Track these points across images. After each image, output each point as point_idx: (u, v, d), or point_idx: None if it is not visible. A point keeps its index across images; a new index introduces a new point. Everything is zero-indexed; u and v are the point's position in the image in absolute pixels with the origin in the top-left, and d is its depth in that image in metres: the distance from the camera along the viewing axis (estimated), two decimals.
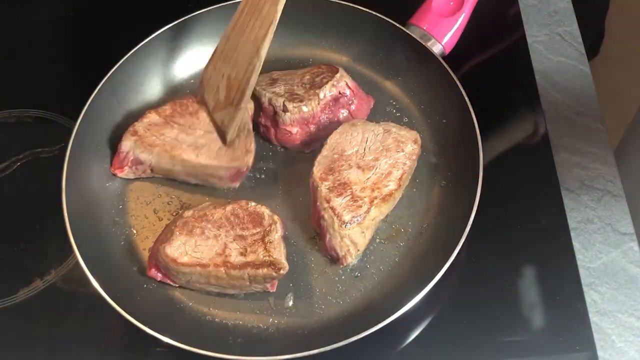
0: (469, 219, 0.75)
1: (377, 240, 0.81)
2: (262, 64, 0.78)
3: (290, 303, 0.78)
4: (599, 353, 0.76)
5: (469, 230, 0.75)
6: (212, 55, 0.85)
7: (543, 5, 1.04)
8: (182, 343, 0.70)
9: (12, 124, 0.95)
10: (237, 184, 0.84)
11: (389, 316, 0.71)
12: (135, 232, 0.83)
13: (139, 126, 0.84)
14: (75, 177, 0.81)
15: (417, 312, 0.76)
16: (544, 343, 0.77)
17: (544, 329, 0.78)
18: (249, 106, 0.84)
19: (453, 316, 0.79)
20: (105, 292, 0.73)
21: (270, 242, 0.75)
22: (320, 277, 0.79)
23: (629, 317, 0.78)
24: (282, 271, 0.73)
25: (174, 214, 0.84)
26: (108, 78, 0.87)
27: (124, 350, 0.78)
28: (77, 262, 0.74)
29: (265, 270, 0.73)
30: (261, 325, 0.77)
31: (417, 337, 0.78)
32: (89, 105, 0.85)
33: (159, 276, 0.78)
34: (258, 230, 0.76)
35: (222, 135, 0.84)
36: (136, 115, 0.87)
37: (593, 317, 0.78)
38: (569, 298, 0.79)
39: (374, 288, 0.79)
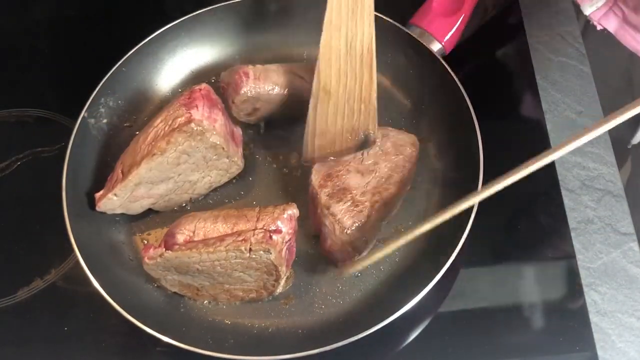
0: (469, 219, 0.75)
1: (378, 241, 0.81)
2: None
3: (291, 303, 0.78)
4: (599, 353, 0.76)
5: (469, 231, 0.75)
6: None
7: (544, 6, 1.04)
8: (182, 343, 0.70)
9: (13, 123, 0.95)
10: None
11: (389, 316, 0.71)
12: (135, 231, 0.83)
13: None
14: (75, 176, 0.81)
15: (417, 312, 0.76)
16: (544, 343, 0.77)
17: (544, 329, 0.78)
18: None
19: (453, 316, 0.79)
20: (105, 291, 0.73)
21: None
22: (321, 277, 0.79)
23: (629, 318, 0.78)
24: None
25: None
26: (108, 77, 0.87)
27: (124, 350, 0.78)
28: (77, 262, 0.75)
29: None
30: (261, 325, 0.77)
31: (416, 337, 0.78)
32: (89, 104, 0.85)
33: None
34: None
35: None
36: (137, 114, 0.87)
37: (593, 317, 0.78)
38: (569, 298, 0.79)
39: (374, 288, 0.79)
